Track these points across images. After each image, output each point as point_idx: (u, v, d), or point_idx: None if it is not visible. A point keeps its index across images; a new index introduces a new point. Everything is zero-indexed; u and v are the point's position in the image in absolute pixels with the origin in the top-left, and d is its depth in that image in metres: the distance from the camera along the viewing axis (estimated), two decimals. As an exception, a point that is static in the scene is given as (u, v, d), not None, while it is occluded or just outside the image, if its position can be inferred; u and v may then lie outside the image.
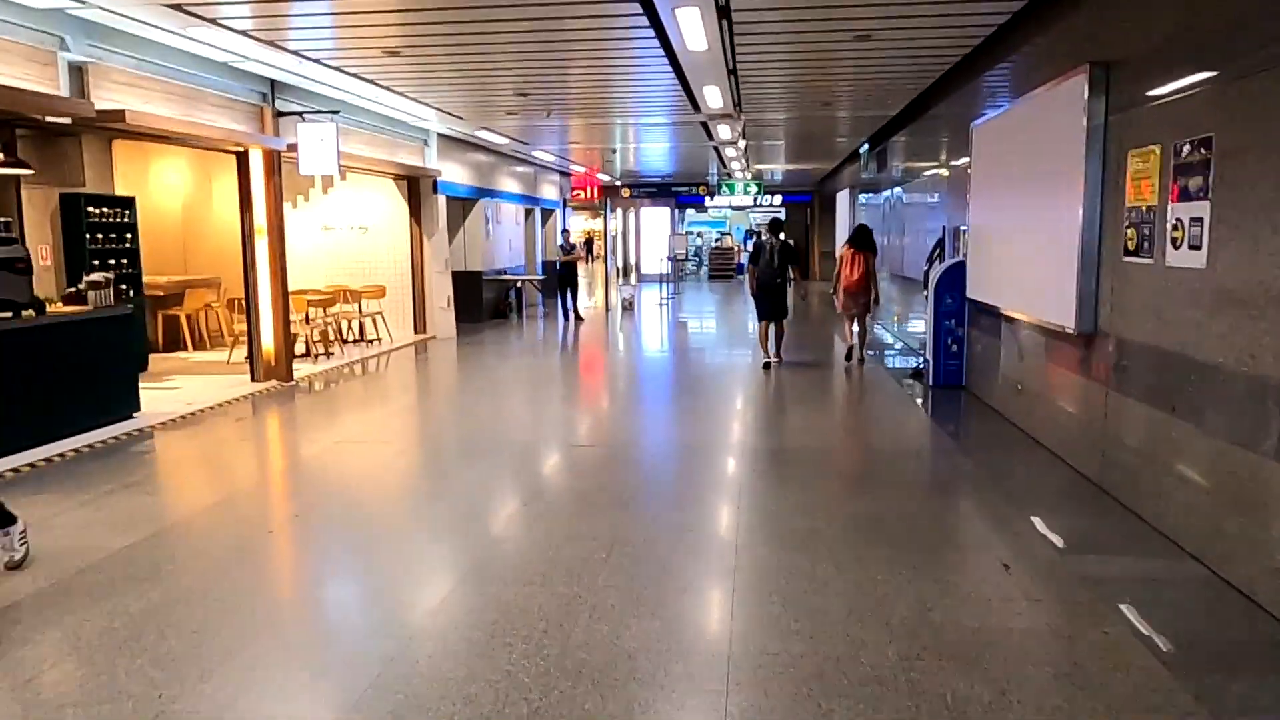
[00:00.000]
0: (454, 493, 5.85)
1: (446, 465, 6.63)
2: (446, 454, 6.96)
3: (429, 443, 7.39)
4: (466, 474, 6.29)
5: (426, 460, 6.77)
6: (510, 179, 18.66)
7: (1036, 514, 5.15)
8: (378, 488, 6.01)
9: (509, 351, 13.06)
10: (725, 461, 6.48)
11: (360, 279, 14.23)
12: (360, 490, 5.94)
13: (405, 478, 6.25)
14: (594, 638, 3.58)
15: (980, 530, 4.95)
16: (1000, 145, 7.70)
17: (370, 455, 6.85)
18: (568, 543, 4.69)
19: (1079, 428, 5.96)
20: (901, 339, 13.08)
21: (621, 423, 8.13)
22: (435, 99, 10.89)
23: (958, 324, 9.18)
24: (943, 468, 6.41)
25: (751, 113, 12.18)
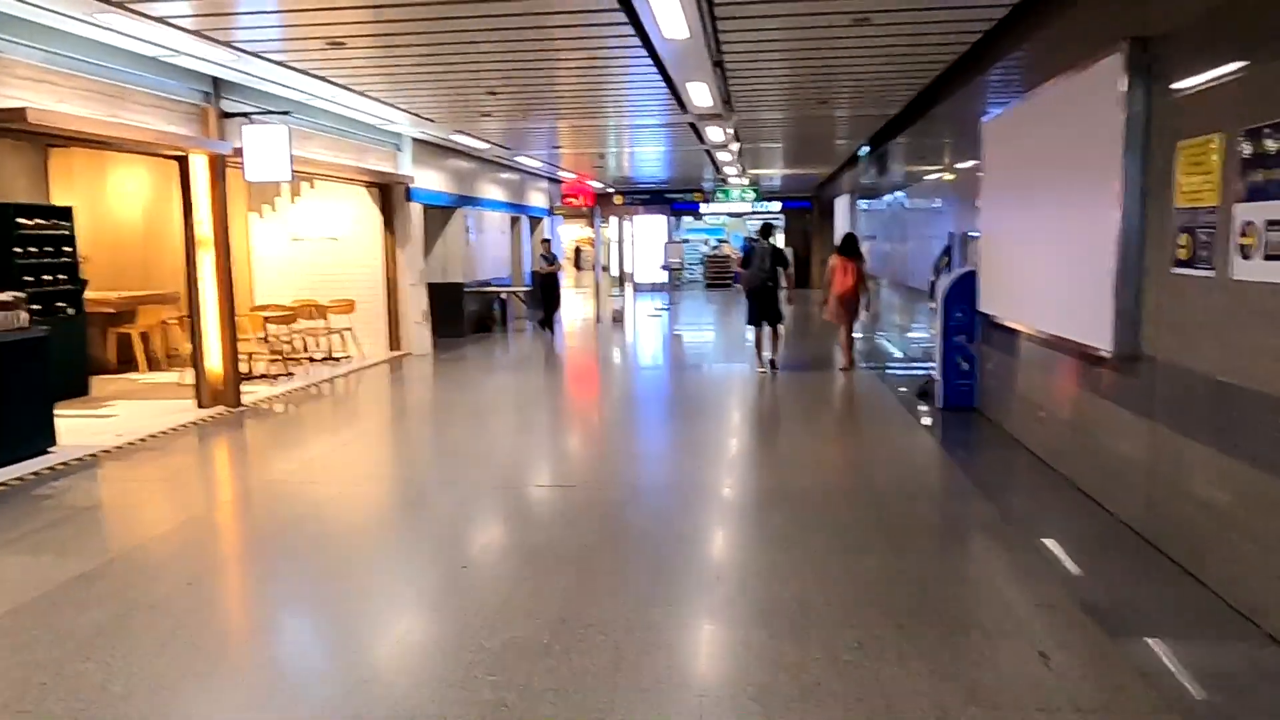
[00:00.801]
0: (382, 552, 5.00)
1: (383, 513, 5.78)
2: (387, 498, 6.10)
3: (370, 483, 6.53)
4: (404, 525, 5.44)
5: (361, 507, 5.92)
6: (494, 186, 17.86)
7: (1076, 578, 4.30)
8: (289, 548, 5.15)
9: (486, 370, 12.22)
10: (707, 506, 5.63)
11: (331, 292, 13.41)
12: (268, 551, 5.09)
13: (329, 532, 5.40)
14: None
15: (1009, 602, 4.10)
16: (1016, 143, 6.86)
17: (297, 500, 6.00)
18: (504, 622, 3.84)
19: (1117, 466, 5.11)
20: (903, 349, 12.23)
21: (595, 456, 7.28)
22: (397, 98, 10.07)
23: (968, 340, 8.34)
24: (958, 514, 5.54)
25: (743, 112, 11.36)
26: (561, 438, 7.93)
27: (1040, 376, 6.59)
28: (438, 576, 4.55)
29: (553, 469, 6.71)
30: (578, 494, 5.88)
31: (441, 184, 14.94)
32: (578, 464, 6.87)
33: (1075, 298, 5.51)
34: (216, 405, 9.06)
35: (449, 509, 5.67)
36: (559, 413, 9.25)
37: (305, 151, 10.68)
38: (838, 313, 11.12)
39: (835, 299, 11.04)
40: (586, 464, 6.84)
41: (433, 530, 5.27)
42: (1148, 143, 4.72)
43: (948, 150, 10.11)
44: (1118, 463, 5.10)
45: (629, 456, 6.90)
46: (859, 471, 6.29)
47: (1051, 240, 6.00)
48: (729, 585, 4.31)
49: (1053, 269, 5.97)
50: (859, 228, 17.90)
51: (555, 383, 11.30)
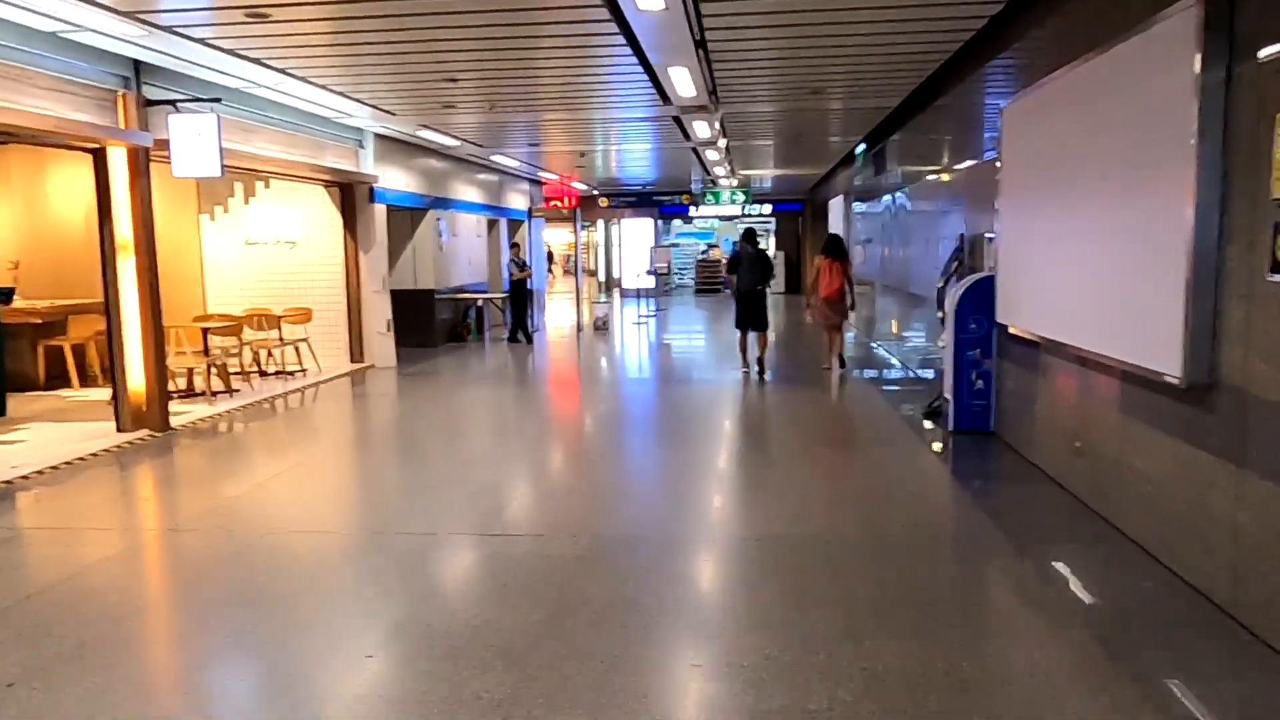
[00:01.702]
0: (275, 633, 4.00)
1: (294, 577, 4.78)
2: (304, 555, 5.10)
3: (289, 535, 5.51)
4: (315, 593, 4.46)
5: (267, 568, 4.92)
6: (470, 187, 16.88)
7: (1149, 669, 3.35)
8: (163, 624, 4.17)
9: (453, 385, 11.23)
10: (686, 568, 4.66)
11: (289, 300, 12.41)
12: (135, 626, 4.10)
13: (218, 601, 4.41)
14: None
15: (1077, 711, 3.14)
16: (1048, 129, 5.92)
17: (193, 555, 5.01)
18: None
19: (1189, 521, 4.16)
20: (902, 358, 11.30)
21: (560, 494, 6.30)
22: (343, 84, 9.08)
23: (984, 355, 7.40)
24: (993, 577, 4.57)
25: (730, 103, 10.41)
26: (525, 470, 6.95)
27: (1077, 401, 5.64)
28: (334, 668, 3.57)
29: (509, 511, 5.73)
30: (533, 548, 4.90)
31: (410, 184, 13.96)
32: (539, 505, 5.89)
33: (1130, 311, 4.57)
34: (140, 429, 8.06)
35: (375, 570, 4.68)
36: (525, 437, 8.27)
37: (249, 146, 9.70)
38: (824, 314, 11.09)
39: (822, 301, 10.99)
40: (550, 505, 5.87)
41: (346, 602, 4.28)
42: (1228, 118, 3.79)
43: (956, 144, 9.19)
44: (1190, 517, 4.15)
45: (599, 495, 5.93)
46: (865, 515, 5.33)
47: (1097, 241, 5.06)
48: (712, 678, 3.35)
49: (1098, 275, 5.02)
50: (854, 230, 16.98)
51: (525, 401, 10.32)
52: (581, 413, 9.48)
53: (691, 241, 34.26)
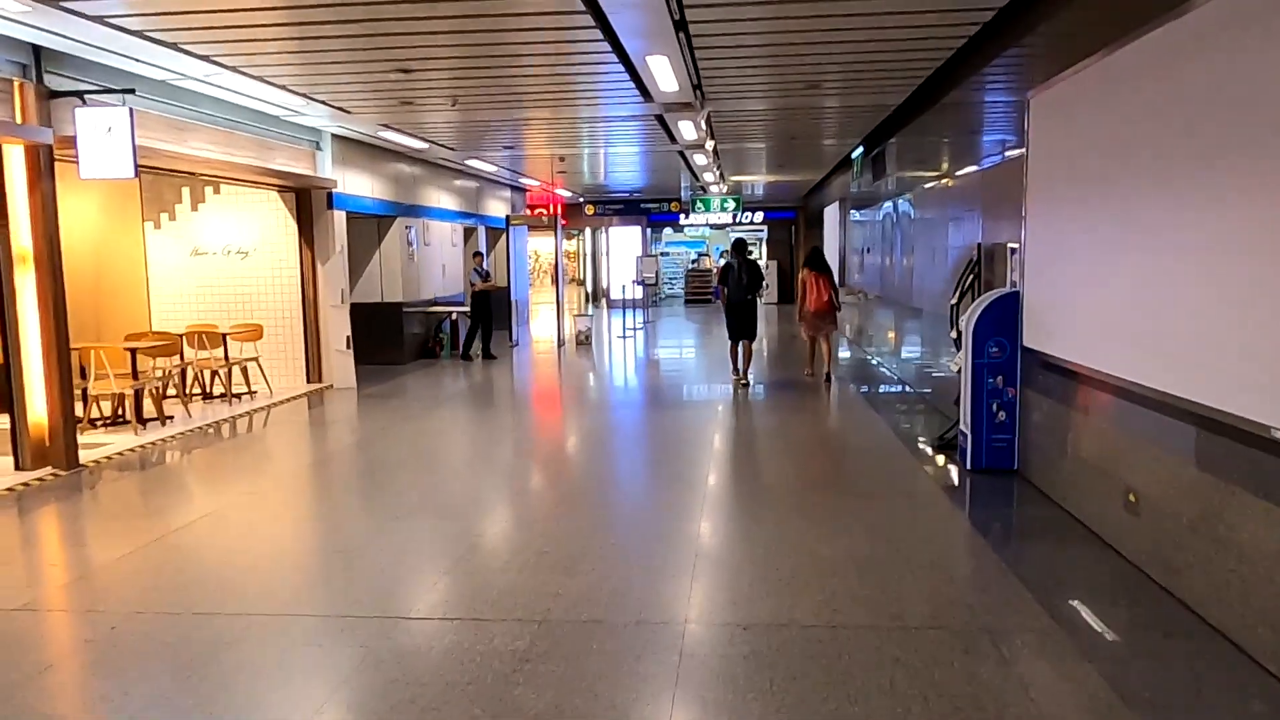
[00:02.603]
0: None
1: (145, 676, 3.78)
2: (153, 651, 4.10)
3: (153, 618, 4.46)
4: (159, 707, 3.46)
5: (118, 665, 3.92)
6: (444, 193, 15.91)
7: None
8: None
9: (415, 409, 10.21)
10: (651, 663, 3.67)
11: (241, 315, 11.42)
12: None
13: (32, 710, 3.40)
14: None
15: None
16: (1094, 116, 4.98)
17: (45, 641, 4.00)
18: None
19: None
20: (904, 377, 10.35)
21: (510, 551, 5.31)
22: (282, 74, 8.10)
23: (1006, 383, 6.44)
24: (1043, 683, 3.56)
25: (717, 98, 9.47)
26: (474, 523, 5.95)
27: (1133, 447, 4.69)
28: None
29: (447, 582, 4.73)
30: (464, 640, 3.90)
31: (375, 189, 12.98)
32: (484, 572, 4.89)
33: (1225, 344, 3.61)
34: (43, 466, 7.06)
35: (251, 668, 3.68)
36: (482, 477, 7.27)
37: (181, 146, 8.72)
38: (813, 325, 11.20)
39: (810, 314, 11.11)
40: (497, 571, 4.86)
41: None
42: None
43: (969, 144, 8.26)
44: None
45: (559, 558, 4.92)
46: (875, 591, 4.35)
47: (1172, 252, 4.11)
48: None
49: (1177, 297, 4.07)
50: (851, 239, 16.06)
51: (489, 430, 9.31)
52: (549, 446, 8.48)
53: (681, 250, 33.35)
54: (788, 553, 4.86)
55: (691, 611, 4.13)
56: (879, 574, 4.53)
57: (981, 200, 7.56)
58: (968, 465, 6.58)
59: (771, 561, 4.73)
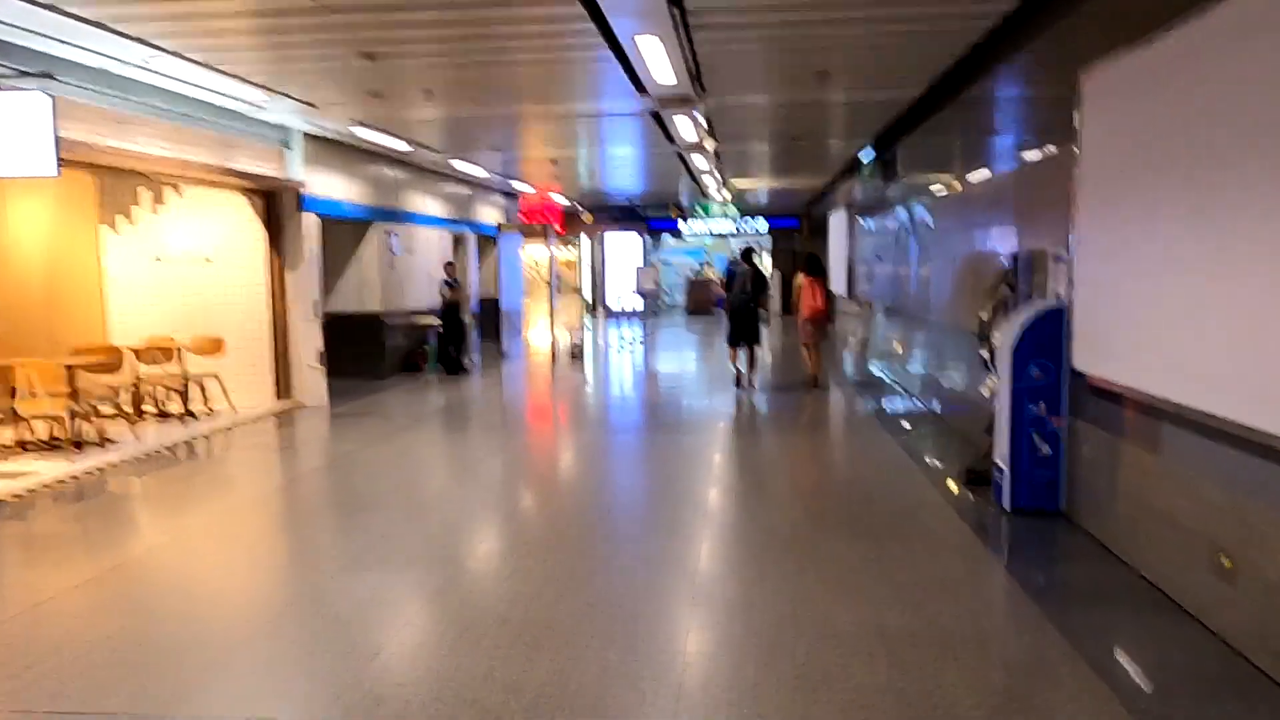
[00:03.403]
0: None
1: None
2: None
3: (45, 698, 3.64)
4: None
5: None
6: (430, 198, 15.08)
7: None
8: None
9: (388, 431, 9.33)
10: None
11: (206, 326, 10.58)
12: None
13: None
14: None
15: None
16: (1170, 96, 4.13)
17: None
18: None
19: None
20: (921, 395, 9.48)
21: (464, 625, 4.43)
22: (230, 60, 7.26)
23: (1050, 411, 5.57)
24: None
25: (717, 93, 8.62)
26: (425, 576, 5.08)
27: (1225, 498, 3.81)
28: None
29: (367, 671, 3.85)
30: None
31: (353, 193, 12.15)
32: (422, 654, 4.01)
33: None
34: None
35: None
36: (444, 516, 6.40)
37: (124, 142, 7.89)
38: (808, 333, 11.43)
39: (806, 321, 11.33)
40: (437, 654, 3.99)
41: None
42: None
43: (999, 139, 7.42)
44: None
45: (515, 634, 4.04)
46: (917, 680, 3.47)
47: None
48: None
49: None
50: (859, 248, 15.21)
51: (461, 458, 8.44)
52: (523, 480, 7.59)
53: (682, 259, 32.51)
54: (801, 627, 3.98)
55: (682, 718, 3.25)
56: (914, 657, 3.65)
57: (1015, 202, 6.70)
58: (1004, 504, 5.71)
59: (781, 640, 3.85)
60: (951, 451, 7.56)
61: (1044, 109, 6.18)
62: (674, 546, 5.17)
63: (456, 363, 13.45)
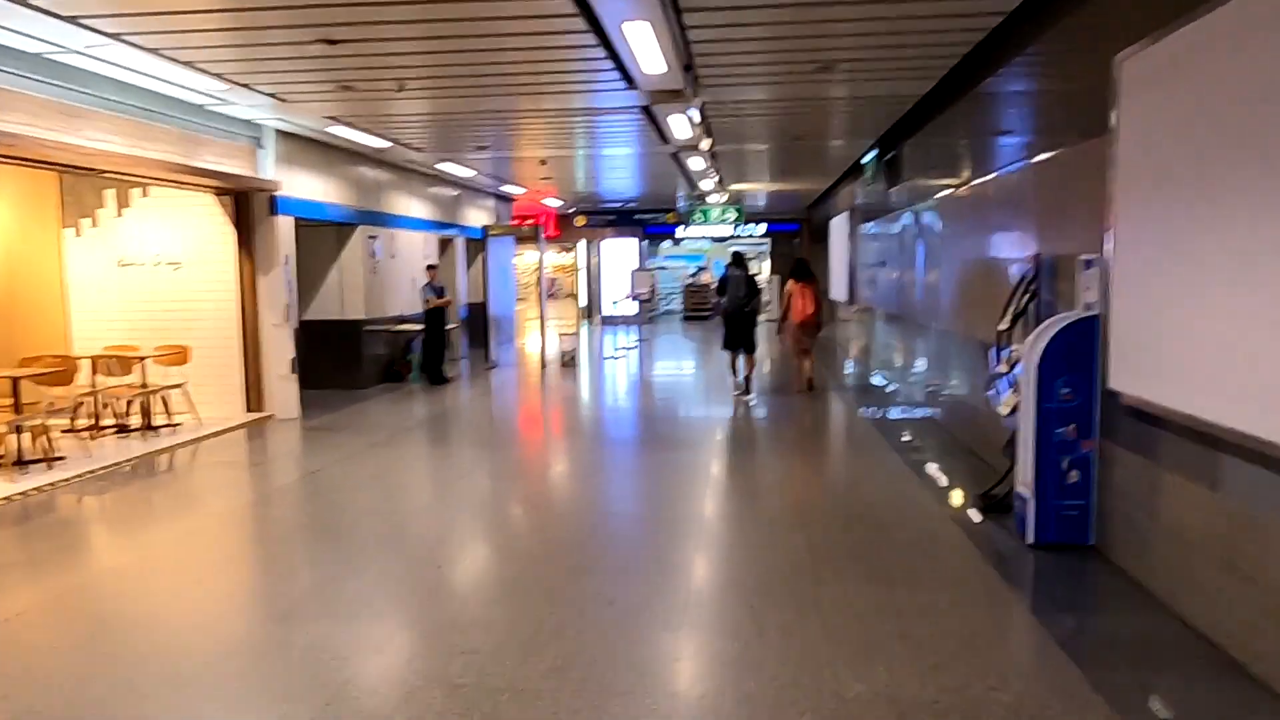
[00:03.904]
0: None
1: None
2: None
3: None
4: None
5: None
6: (415, 200, 14.52)
7: None
8: None
9: (360, 448, 8.72)
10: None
11: (174, 335, 10.01)
12: None
13: None
14: None
15: None
16: (1226, 78, 3.56)
17: None
18: None
19: None
20: (926, 406, 8.90)
21: (406, 692, 3.84)
22: (182, 47, 6.69)
23: (1080, 434, 5.00)
24: None
25: (712, 84, 8.07)
26: (372, 626, 4.49)
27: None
28: None
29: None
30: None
31: (332, 194, 11.59)
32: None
33: None
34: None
35: None
36: (406, 548, 5.81)
37: (73, 136, 7.34)
38: (799, 339, 11.35)
39: (796, 327, 11.22)
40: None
41: None
42: None
43: (1017, 134, 6.85)
44: None
45: (465, 707, 3.46)
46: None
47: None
48: None
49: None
50: (861, 253, 14.64)
51: (435, 477, 7.85)
52: (496, 503, 6.99)
53: (680, 264, 31.94)
54: (802, 692, 3.40)
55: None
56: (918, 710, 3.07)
57: (1036, 203, 6.13)
58: (1028, 537, 5.13)
59: (782, 713, 3.27)
60: (965, 472, 6.99)
61: (1070, 100, 5.62)
62: (660, 590, 4.58)
63: (440, 373, 12.86)
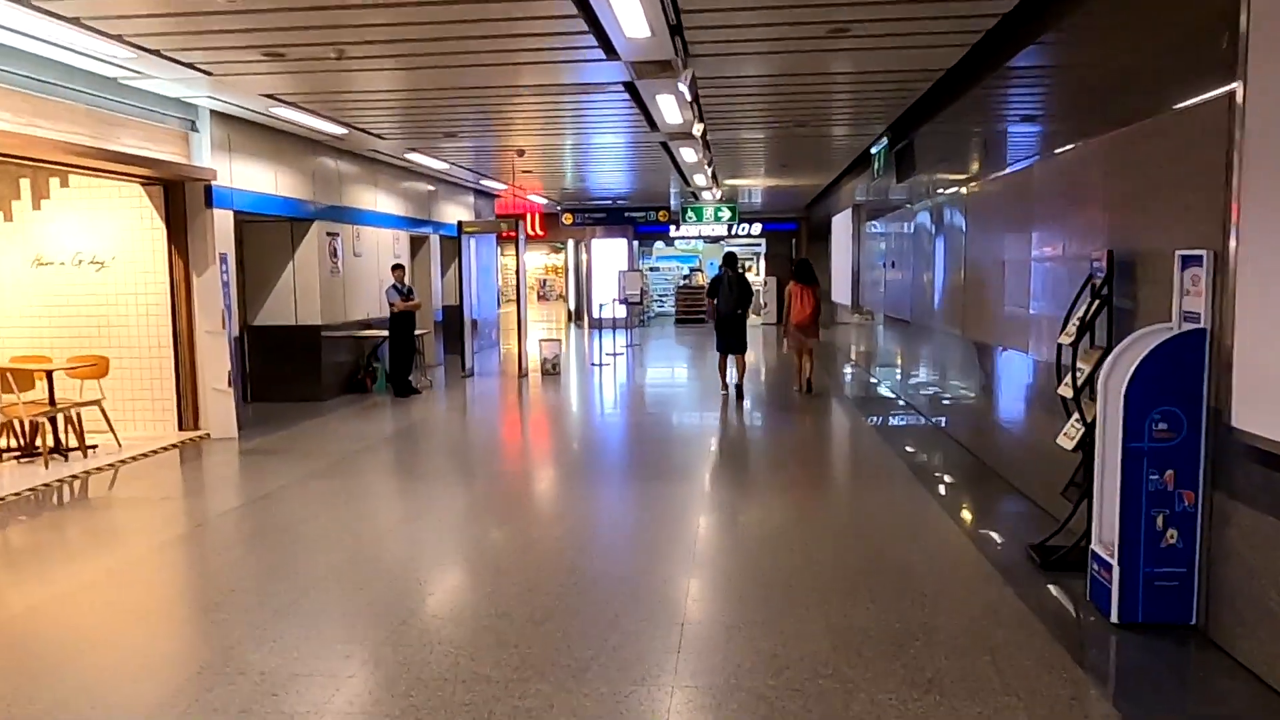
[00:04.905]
0: None
1: None
2: None
3: None
4: None
5: None
6: (383, 195, 13.34)
7: None
8: None
9: (299, 476, 7.51)
10: None
11: (98, 343, 8.84)
12: None
13: None
14: None
15: None
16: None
17: None
18: None
19: None
20: (951, 428, 7.77)
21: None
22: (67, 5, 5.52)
23: (1180, 483, 3.86)
24: None
25: (703, 51, 6.91)
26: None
27: None
28: None
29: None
30: None
31: (282, 185, 10.41)
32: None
33: None
34: None
35: None
36: (329, 616, 4.63)
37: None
38: (797, 339, 11.35)
39: (795, 328, 11.26)
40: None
41: None
42: None
43: (1075, 108, 5.70)
44: None
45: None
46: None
47: None
48: None
49: None
50: (867, 253, 13.51)
51: (377, 514, 6.65)
52: (449, 556, 5.83)
53: (673, 265, 30.79)
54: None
55: None
56: None
57: (1107, 188, 4.98)
58: (1110, 613, 3.99)
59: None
60: (1008, 513, 5.85)
61: (1164, 55, 4.48)
62: (640, 701, 3.42)
63: (406, 383, 11.68)
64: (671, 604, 4.39)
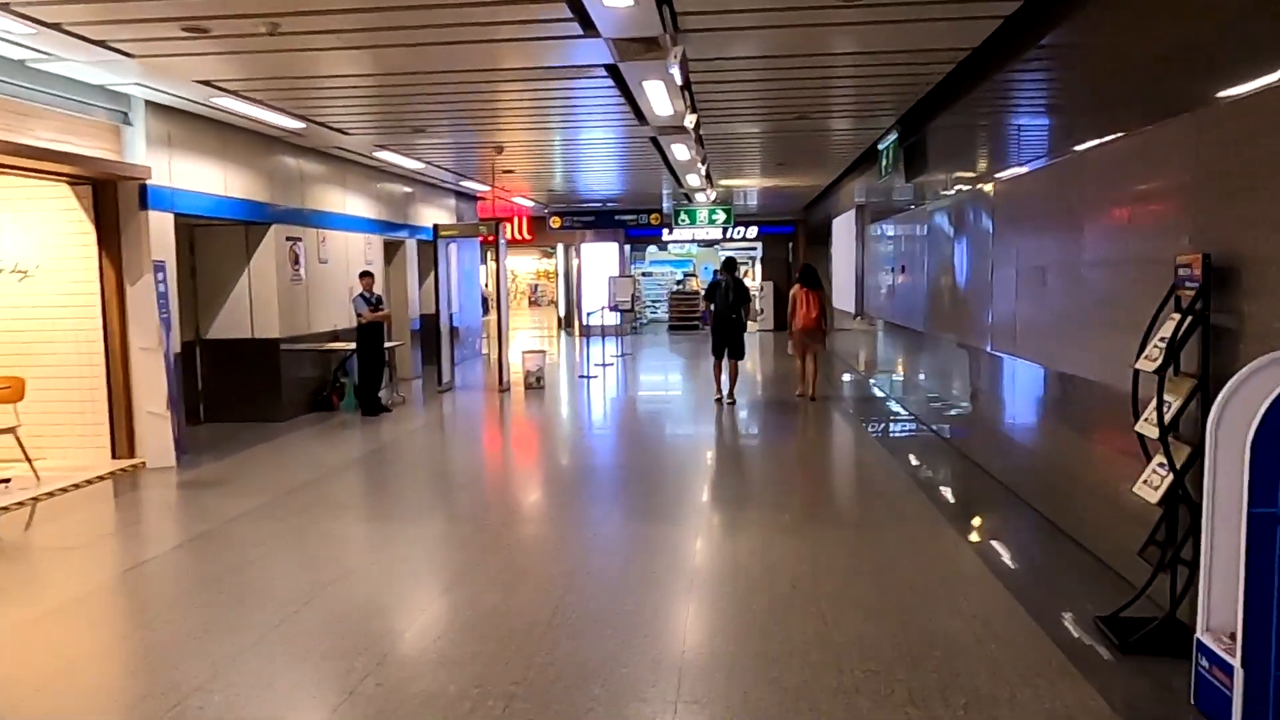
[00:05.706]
0: None
1: None
2: None
3: None
4: None
5: None
6: (352, 196, 12.40)
7: None
8: None
9: (238, 513, 6.51)
10: None
11: (21, 361, 7.89)
12: None
13: None
14: None
15: None
16: None
17: None
18: None
19: None
20: (980, 457, 6.84)
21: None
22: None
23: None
24: None
25: (697, 26, 5.98)
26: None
27: None
28: None
29: None
30: None
31: (234, 186, 9.46)
32: None
33: None
34: None
35: None
36: (250, 688, 3.69)
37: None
38: (802, 344, 11.16)
39: (799, 332, 11.10)
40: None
41: None
42: None
43: (1145, 84, 4.77)
44: None
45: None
46: None
47: None
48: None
49: None
50: (872, 257, 12.60)
51: (322, 572, 5.68)
52: (397, 619, 4.90)
53: (666, 270, 29.87)
54: None
55: None
56: None
57: (1196, 179, 4.06)
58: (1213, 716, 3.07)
59: None
60: (1064, 568, 4.93)
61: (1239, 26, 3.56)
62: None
63: (375, 400, 10.72)
64: (654, 693, 3.44)
